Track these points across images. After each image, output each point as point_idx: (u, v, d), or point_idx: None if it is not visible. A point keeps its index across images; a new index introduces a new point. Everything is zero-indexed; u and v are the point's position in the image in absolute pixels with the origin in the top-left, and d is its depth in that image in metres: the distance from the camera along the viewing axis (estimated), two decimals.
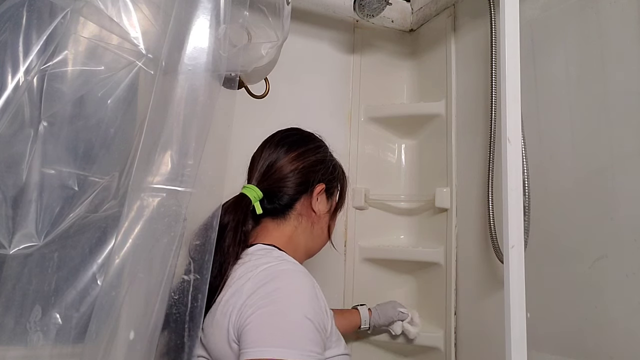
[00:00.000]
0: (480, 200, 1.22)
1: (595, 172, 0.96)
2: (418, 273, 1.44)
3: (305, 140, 0.94)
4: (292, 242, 0.89)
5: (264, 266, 0.75)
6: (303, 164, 0.90)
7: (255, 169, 0.91)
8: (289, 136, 0.94)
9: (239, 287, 0.73)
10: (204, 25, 0.66)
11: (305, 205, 0.91)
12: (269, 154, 0.91)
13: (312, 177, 0.90)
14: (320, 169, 0.92)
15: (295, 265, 0.79)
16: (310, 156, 0.91)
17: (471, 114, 1.31)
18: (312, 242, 0.94)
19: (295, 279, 0.74)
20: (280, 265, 0.76)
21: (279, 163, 0.89)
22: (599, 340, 0.92)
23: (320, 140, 0.97)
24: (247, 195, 0.86)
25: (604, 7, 0.97)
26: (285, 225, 0.89)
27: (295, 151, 0.90)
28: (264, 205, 0.88)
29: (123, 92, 0.68)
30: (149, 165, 0.61)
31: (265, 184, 0.88)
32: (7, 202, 0.61)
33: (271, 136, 0.96)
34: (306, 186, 0.90)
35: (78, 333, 0.61)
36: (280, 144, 0.92)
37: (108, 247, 0.65)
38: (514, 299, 0.66)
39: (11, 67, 0.62)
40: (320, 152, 0.94)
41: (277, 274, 0.74)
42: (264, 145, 0.94)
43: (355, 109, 1.52)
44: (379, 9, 1.39)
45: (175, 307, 0.62)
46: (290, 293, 0.71)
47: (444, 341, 1.30)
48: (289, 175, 0.88)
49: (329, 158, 0.95)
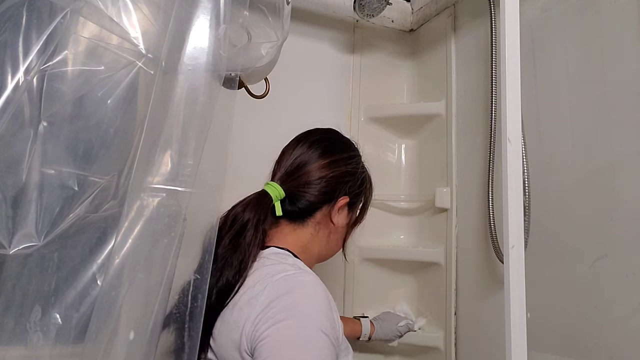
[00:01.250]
0: (480, 200, 1.22)
1: (595, 172, 0.96)
2: (418, 273, 1.44)
3: (340, 148, 0.90)
4: (306, 249, 0.86)
5: (281, 274, 0.73)
6: (332, 173, 0.86)
7: (282, 165, 0.87)
8: (325, 139, 0.90)
9: (253, 295, 0.71)
10: (204, 25, 0.66)
11: (325, 215, 0.87)
12: (300, 152, 0.87)
13: (338, 188, 0.86)
14: (349, 181, 0.88)
15: (311, 276, 0.75)
16: (341, 166, 0.87)
17: (471, 114, 1.31)
18: (325, 251, 0.91)
19: (313, 292, 0.72)
20: (298, 276, 0.73)
21: (308, 167, 0.85)
22: (599, 340, 0.92)
23: (355, 149, 0.93)
24: (269, 193, 0.83)
25: (604, 7, 0.97)
26: (302, 231, 0.86)
27: (327, 158, 0.86)
28: (284, 206, 0.85)
29: (123, 92, 0.68)
30: (149, 165, 0.61)
31: (289, 185, 0.85)
32: (7, 202, 0.61)
33: (307, 133, 0.92)
34: (331, 196, 0.86)
35: (78, 333, 0.61)
36: (315, 145, 0.87)
37: (108, 247, 0.65)
38: (514, 299, 0.66)
39: (11, 67, 0.62)
40: (352, 162, 0.89)
41: (294, 286, 0.71)
42: (297, 142, 0.89)
43: (355, 109, 1.52)
44: (379, 8, 1.39)
45: (175, 307, 0.62)
46: (308, 307, 0.69)
47: (444, 341, 1.30)
48: (316, 182, 0.85)
49: (360, 170, 0.90)
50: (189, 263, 0.65)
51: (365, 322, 1.27)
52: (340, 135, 0.94)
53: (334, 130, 0.94)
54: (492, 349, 1.15)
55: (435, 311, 1.35)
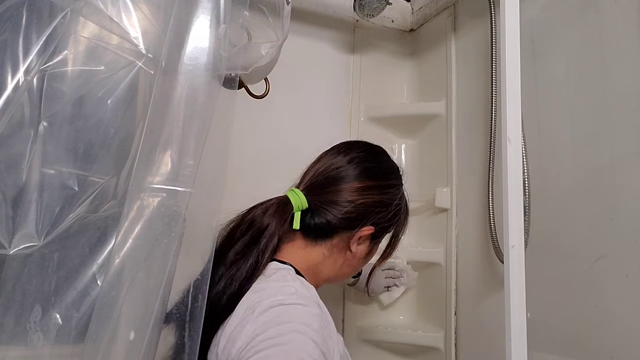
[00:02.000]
0: (480, 200, 1.22)
1: (595, 172, 0.96)
2: (418, 273, 1.44)
3: (380, 173, 0.82)
4: (314, 269, 0.80)
5: (269, 300, 0.66)
6: (364, 200, 0.78)
7: (314, 172, 0.81)
8: (367, 159, 0.82)
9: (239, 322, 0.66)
10: (204, 25, 0.66)
11: (343, 240, 0.80)
12: (336, 165, 0.79)
13: (365, 217, 0.79)
14: (380, 212, 0.80)
15: (306, 300, 0.68)
16: (375, 194, 0.79)
17: (471, 114, 1.31)
18: (335, 276, 0.84)
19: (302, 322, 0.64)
20: (289, 304, 0.66)
21: (340, 185, 0.78)
22: (599, 340, 0.92)
23: (398, 176, 0.86)
24: (292, 201, 0.77)
25: (604, 7, 0.97)
26: (313, 250, 0.79)
27: (364, 181, 0.79)
28: (304, 219, 0.78)
29: (123, 92, 0.68)
30: (149, 165, 0.61)
31: (314, 198, 0.78)
32: (7, 202, 0.61)
33: (349, 145, 0.85)
34: (355, 224, 0.78)
35: (78, 333, 0.61)
36: (354, 162, 0.80)
37: (108, 247, 0.65)
38: (514, 299, 0.66)
39: (11, 67, 0.62)
40: (389, 193, 0.82)
41: (282, 316, 0.65)
42: (338, 152, 0.82)
43: (355, 109, 1.52)
44: (379, 8, 1.39)
45: (176, 307, 0.62)
46: (295, 337, 0.62)
47: (444, 341, 1.30)
48: (344, 204, 0.77)
49: (396, 202, 0.82)
50: (189, 263, 0.65)
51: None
52: (385, 157, 0.87)
53: (380, 149, 0.87)
54: (492, 349, 1.15)
55: (435, 311, 1.35)
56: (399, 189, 0.84)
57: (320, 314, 0.68)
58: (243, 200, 0.84)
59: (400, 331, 1.36)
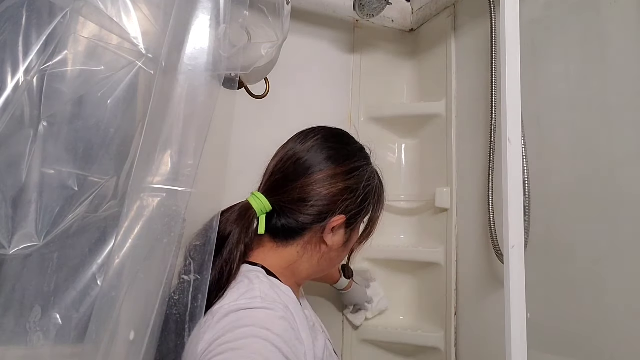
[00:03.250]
0: (480, 200, 1.22)
1: (595, 172, 0.96)
2: (418, 273, 1.44)
3: (342, 157, 0.77)
4: (290, 270, 0.77)
5: (229, 305, 0.64)
6: (328, 191, 0.74)
7: (272, 171, 0.78)
8: (327, 146, 0.77)
9: (200, 327, 0.63)
10: (204, 25, 0.66)
11: (316, 235, 0.76)
12: (294, 158, 0.76)
13: (333, 208, 0.75)
14: (347, 200, 0.75)
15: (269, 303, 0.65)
16: (339, 182, 0.75)
17: (471, 114, 1.31)
18: (315, 272, 0.80)
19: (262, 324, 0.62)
20: (249, 305, 0.64)
21: (302, 180, 0.74)
22: (599, 340, 0.92)
23: (361, 157, 0.80)
24: (253, 207, 0.75)
25: (604, 7, 0.97)
26: (286, 251, 0.76)
27: (323, 170, 0.75)
28: (270, 220, 0.75)
29: (123, 92, 0.68)
30: (149, 165, 0.61)
31: (276, 198, 0.75)
32: (7, 202, 0.61)
33: (306, 133, 0.80)
34: (324, 217, 0.75)
35: (78, 333, 0.61)
36: (313, 151, 0.76)
37: (108, 248, 0.65)
38: (514, 299, 0.66)
39: (11, 67, 0.62)
40: (354, 177, 0.77)
41: (240, 320, 0.62)
42: (294, 143, 0.79)
43: (355, 109, 1.52)
44: (379, 8, 1.39)
45: (175, 308, 0.62)
46: (252, 342, 0.60)
47: (444, 341, 1.30)
48: (308, 200, 0.73)
49: (363, 185, 0.77)
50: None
51: (345, 280, 1.26)
52: (346, 139, 0.82)
53: (338, 132, 0.82)
54: (492, 349, 1.15)
55: (435, 311, 1.35)
56: (364, 170, 0.79)
57: (285, 317, 0.65)
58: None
59: (400, 331, 1.36)
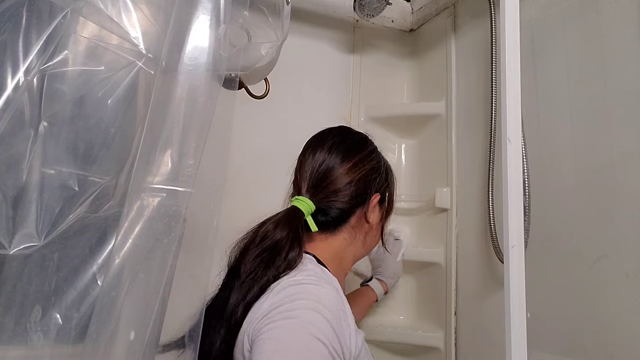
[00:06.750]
0: (480, 200, 1.22)
1: (595, 172, 0.96)
2: (418, 273, 1.44)
3: (359, 146, 0.87)
4: (339, 257, 0.84)
5: (287, 280, 0.71)
6: (359, 175, 0.83)
7: (306, 176, 0.84)
8: (342, 141, 0.86)
9: (259, 304, 0.70)
10: (204, 25, 0.66)
11: (359, 217, 0.85)
12: (321, 160, 0.83)
13: (368, 188, 0.84)
14: (376, 178, 0.85)
15: (322, 287, 0.71)
16: (366, 165, 0.84)
17: (471, 114, 1.31)
18: (362, 251, 0.90)
19: (317, 300, 0.68)
20: (306, 284, 0.71)
21: (334, 173, 0.82)
22: (599, 340, 0.92)
23: (371, 142, 0.90)
24: (300, 208, 0.80)
25: (604, 7, 0.97)
26: (335, 239, 0.84)
27: (350, 160, 0.83)
28: (317, 218, 0.82)
29: (123, 92, 0.68)
30: (149, 165, 0.61)
31: (319, 197, 0.81)
32: (7, 202, 0.61)
33: (320, 138, 0.88)
34: (363, 198, 0.84)
35: (78, 333, 0.61)
36: (334, 150, 0.84)
37: (108, 247, 0.65)
38: (514, 299, 0.66)
39: (11, 67, 0.62)
40: (374, 157, 0.87)
41: (298, 294, 0.69)
42: (315, 149, 0.85)
43: (355, 109, 1.52)
44: (379, 8, 1.39)
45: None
46: (307, 314, 0.66)
47: (444, 341, 1.30)
48: (345, 188, 0.82)
49: (382, 162, 0.89)
50: (189, 263, 0.65)
51: (376, 285, 1.23)
52: (353, 132, 0.91)
53: (345, 128, 0.91)
54: (492, 349, 1.15)
55: (435, 311, 1.35)
56: (377, 152, 0.90)
57: (337, 296, 0.71)
58: (243, 200, 0.84)
59: (400, 331, 1.36)
